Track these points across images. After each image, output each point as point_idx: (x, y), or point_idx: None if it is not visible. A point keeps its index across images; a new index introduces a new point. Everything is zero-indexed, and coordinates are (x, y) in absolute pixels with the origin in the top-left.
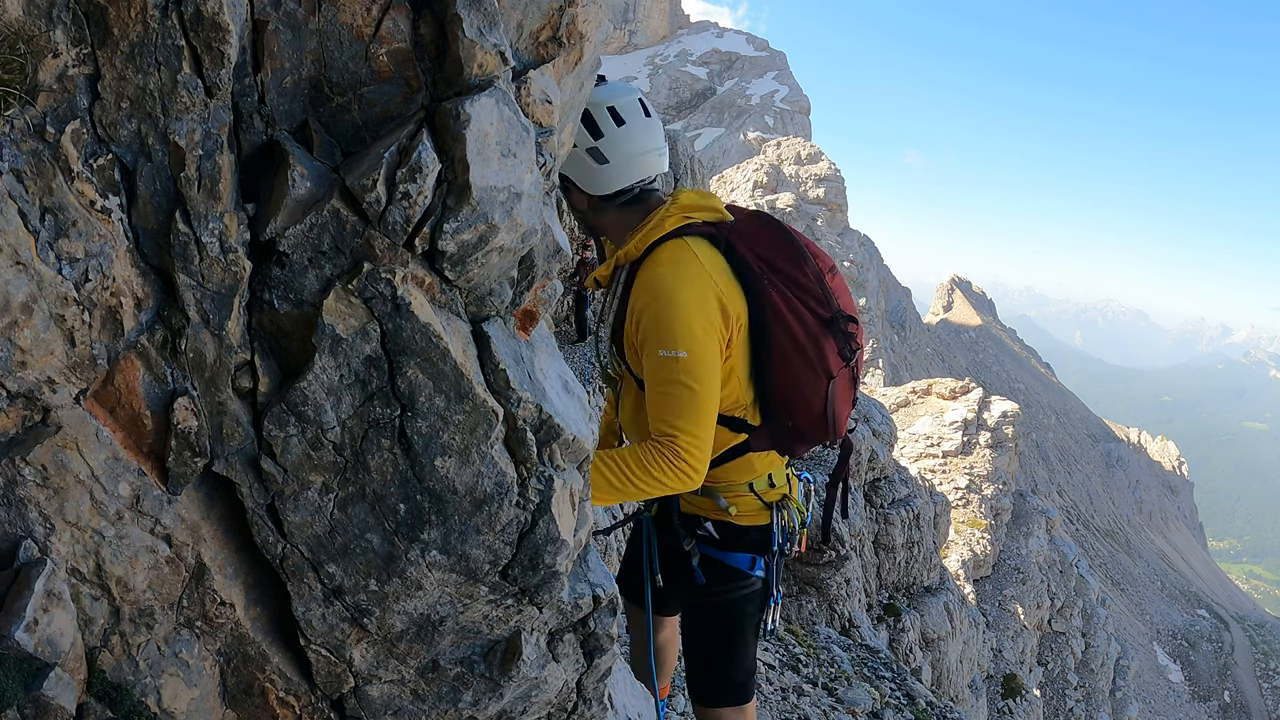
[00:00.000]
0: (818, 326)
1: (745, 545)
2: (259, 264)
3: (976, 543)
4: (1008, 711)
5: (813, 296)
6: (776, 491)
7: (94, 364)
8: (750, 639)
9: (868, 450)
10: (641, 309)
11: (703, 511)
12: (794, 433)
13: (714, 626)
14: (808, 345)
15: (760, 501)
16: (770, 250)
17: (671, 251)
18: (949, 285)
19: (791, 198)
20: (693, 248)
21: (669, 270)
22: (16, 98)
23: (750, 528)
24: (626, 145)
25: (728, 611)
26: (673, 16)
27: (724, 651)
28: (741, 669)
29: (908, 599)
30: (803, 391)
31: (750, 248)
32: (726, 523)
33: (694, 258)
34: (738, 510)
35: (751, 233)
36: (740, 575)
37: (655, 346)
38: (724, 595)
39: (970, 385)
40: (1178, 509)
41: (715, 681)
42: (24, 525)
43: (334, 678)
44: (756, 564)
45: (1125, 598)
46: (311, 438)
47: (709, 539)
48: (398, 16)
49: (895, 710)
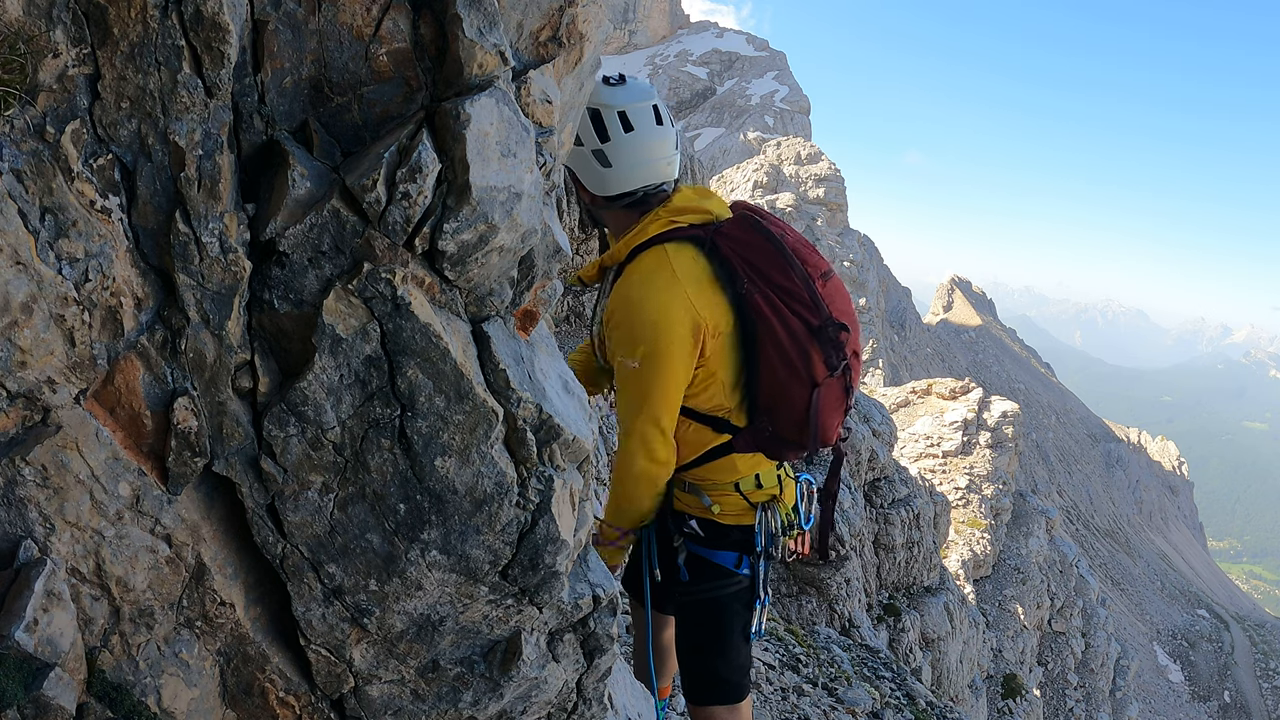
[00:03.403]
0: (805, 334)
1: (729, 544)
2: (259, 264)
3: (976, 543)
4: (1008, 711)
5: (801, 303)
6: (764, 493)
7: (94, 364)
8: (739, 637)
9: (868, 450)
10: (610, 317)
11: (689, 509)
12: (776, 438)
13: (701, 624)
14: (792, 352)
15: (746, 502)
16: (757, 255)
17: (648, 261)
18: (949, 285)
19: (791, 198)
20: (670, 256)
21: (639, 280)
22: (16, 98)
23: (734, 527)
24: (633, 152)
25: (713, 609)
26: (673, 16)
27: (712, 649)
28: (732, 667)
29: (908, 599)
30: (786, 398)
31: (736, 252)
32: (711, 521)
33: (666, 266)
34: (721, 509)
35: (738, 236)
36: (725, 573)
37: (619, 354)
38: (709, 593)
39: (970, 385)
40: (1178, 509)
41: (705, 680)
42: (24, 525)
43: (334, 678)
44: (743, 563)
45: (1125, 598)
46: (311, 438)
47: (695, 536)
48: (398, 16)
49: (895, 710)
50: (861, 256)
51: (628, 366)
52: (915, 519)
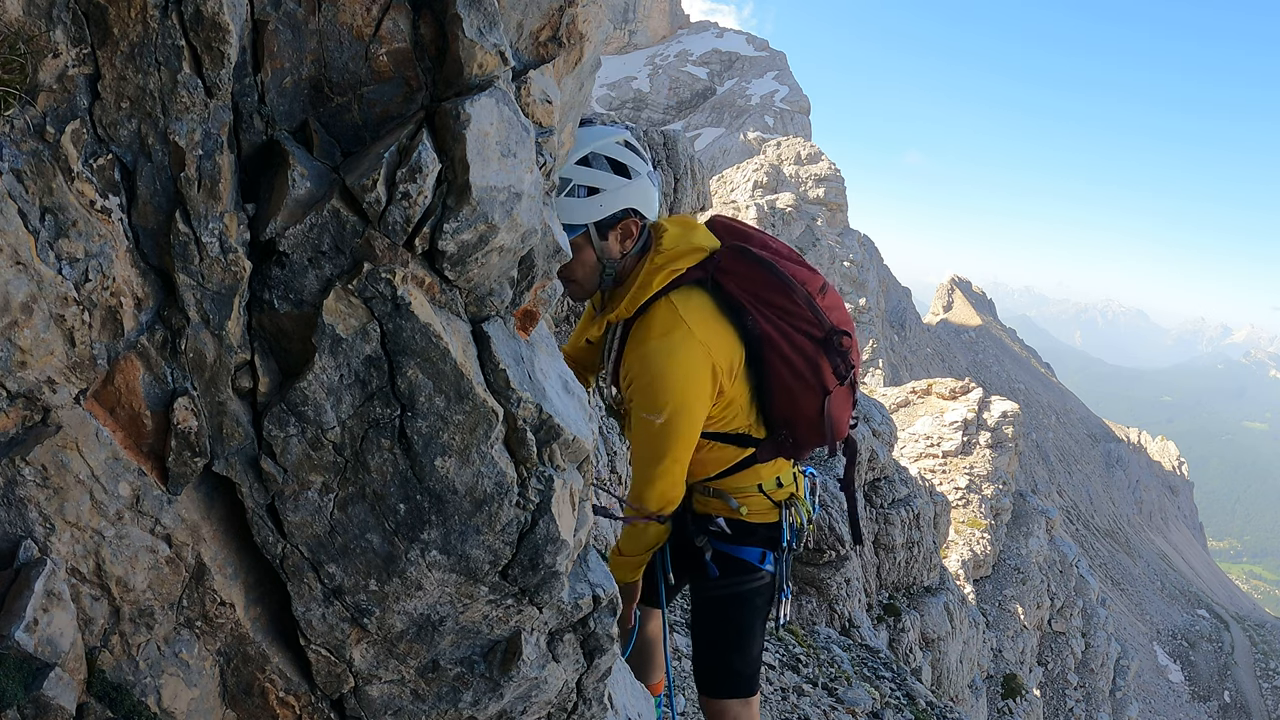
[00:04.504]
0: (813, 348)
1: (756, 541)
2: (259, 264)
3: (976, 543)
4: (1008, 711)
5: (805, 320)
6: (784, 491)
7: (94, 364)
8: (758, 632)
9: (868, 450)
10: (632, 376)
11: (714, 511)
12: (796, 443)
13: (724, 618)
14: (804, 368)
15: (769, 501)
16: (759, 286)
17: (661, 318)
18: (949, 285)
19: (791, 198)
20: (680, 308)
21: (657, 341)
22: (16, 98)
23: (760, 525)
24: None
25: (737, 603)
26: (673, 16)
27: (732, 643)
28: (749, 660)
29: (908, 599)
30: (801, 408)
31: (739, 285)
32: (738, 520)
33: (680, 322)
34: (749, 510)
35: (738, 271)
36: (750, 568)
37: (640, 410)
38: (734, 588)
39: (970, 385)
40: (1178, 509)
41: (723, 673)
42: (24, 525)
43: (334, 678)
44: (766, 558)
45: (1125, 598)
46: (311, 438)
47: (721, 534)
48: (398, 16)
49: (895, 710)
50: (861, 256)
51: (650, 422)
52: (915, 519)
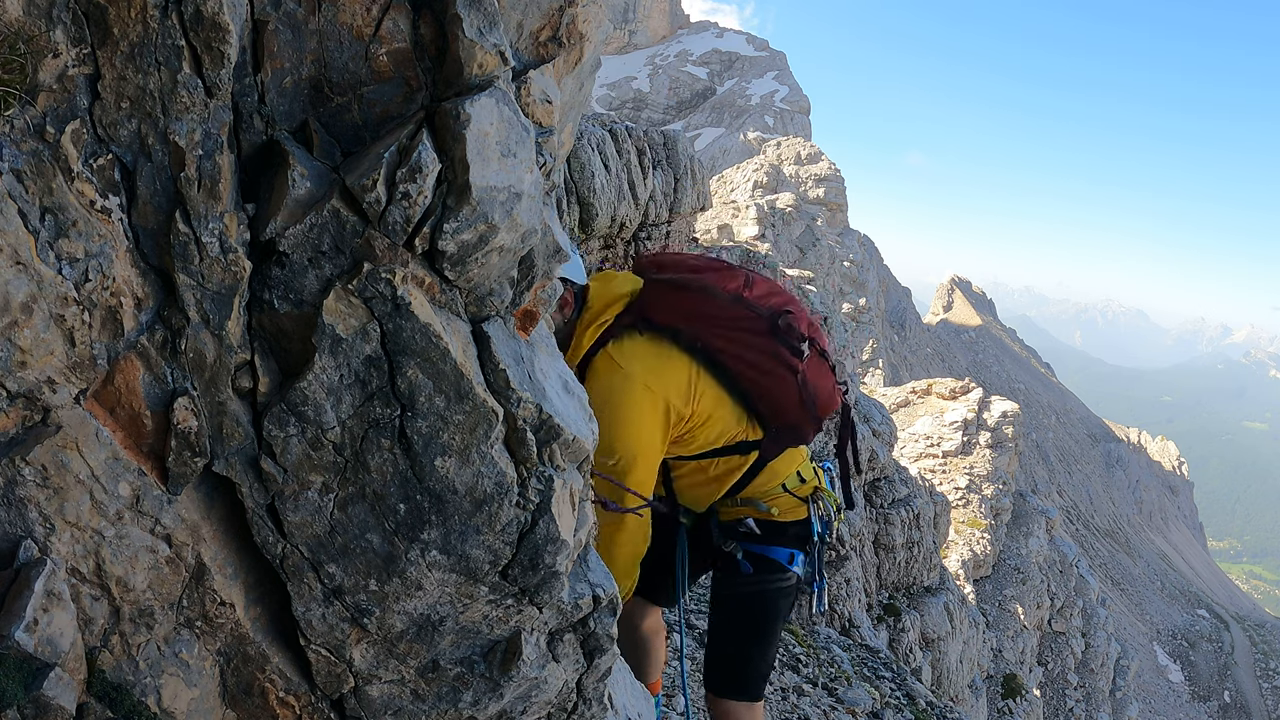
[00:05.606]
0: (762, 339)
1: (787, 540)
2: (259, 264)
3: (976, 543)
4: (1008, 711)
5: (739, 318)
6: (808, 486)
7: (94, 364)
8: (777, 635)
9: (868, 450)
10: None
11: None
12: (790, 430)
13: (749, 613)
14: (763, 361)
15: (796, 498)
16: (683, 306)
17: (599, 371)
18: (949, 285)
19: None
20: (615, 356)
21: (598, 395)
22: (16, 98)
23: (791, 523)
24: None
25: (763, 601)
26: (673, 16)
27: (751, 641)
28: (764, 661)
29: (908, 599)
30: (779, 395)
31: (667, 313)
32: (768, 520)
33: (616, 369)
34: (779, 510)
35: (660, 300)
36: (779, 568)
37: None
38: (763, 585)
39: (970, 385)
40: (1178, 509)
41: (740, 667)
42: (24, 525)
43: (334, 678)
44: (795, 559)
45: (1125, 598)
46: (311, 438)
47: (750, 535)
48: (398, 16)
49: (895, 710)
50: (861, 256)
51: (605, 464)
52: (915, 519)
